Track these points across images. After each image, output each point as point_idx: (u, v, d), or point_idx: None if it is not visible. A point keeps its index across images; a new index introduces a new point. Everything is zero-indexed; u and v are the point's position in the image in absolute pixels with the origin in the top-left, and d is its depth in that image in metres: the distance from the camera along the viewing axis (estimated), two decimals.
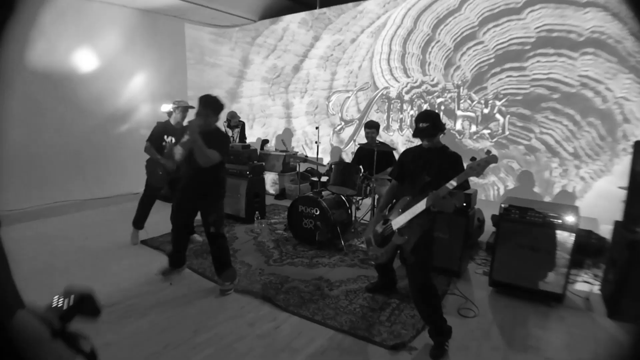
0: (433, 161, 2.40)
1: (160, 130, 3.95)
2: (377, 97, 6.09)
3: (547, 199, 4.71)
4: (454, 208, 2.30)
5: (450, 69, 5.42)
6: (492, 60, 5.04)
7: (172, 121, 3.98)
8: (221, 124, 6.44)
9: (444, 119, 5.39)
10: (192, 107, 4.07)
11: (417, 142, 2.60)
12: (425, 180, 2.36)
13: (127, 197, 6.35)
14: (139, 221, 4.21)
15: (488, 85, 5.09)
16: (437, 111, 5.43)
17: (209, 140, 2.86)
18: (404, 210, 2.43)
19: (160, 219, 4.34)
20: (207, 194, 3.06)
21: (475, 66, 5.19)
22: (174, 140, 3.91)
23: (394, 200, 2.67)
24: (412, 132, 2.61)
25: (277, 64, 7.42)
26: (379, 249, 2.58)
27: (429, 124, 2.38)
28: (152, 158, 3.94)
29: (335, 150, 6.75)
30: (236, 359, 2.36)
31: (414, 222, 2.38)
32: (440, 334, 2.41)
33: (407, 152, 2.66)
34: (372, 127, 4.53)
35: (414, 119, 4.55)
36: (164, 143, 3.93)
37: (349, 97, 6.43)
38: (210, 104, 2.96)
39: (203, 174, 2.99)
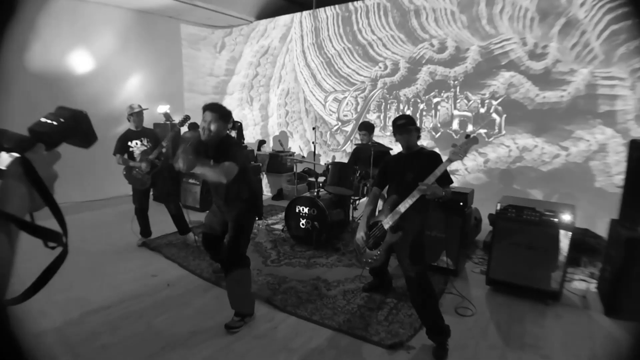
0: (413, 161, 2.57)
1: (123, 139, 4.09)
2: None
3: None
4: (442, 193, 2.37)
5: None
6: None
7: (132, 127, 4.10)
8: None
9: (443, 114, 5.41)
10: (145, 109, 4.18)
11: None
12: (409, 178, 2.47)
13: (124, 198, 6.29)
14: (145, 230, 4.28)
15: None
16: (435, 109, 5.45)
17: (221, 152, 2.56)
18: (393, 208, 2.46)
19: (158, 221, 4.33)
20: (233, 207, 2.71)
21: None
22: (138, 144, 4.07)
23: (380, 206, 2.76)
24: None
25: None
26: (372, 252, 2.57)
27: (405, 120, 2.59)
28: (126, 166, 4.05)
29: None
30: (234, 359, 2.36)
31: (406, 217, 2.43)
32: (440, 333, 2.41)
33: (389, 159, 2.84)
34: (362, 129, 4.47)
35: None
36: (130, 149, 4.06)
37: (345, 98, 6.43)
38: (217, 111, 2.58)
39: (227, 189, 2.66)
